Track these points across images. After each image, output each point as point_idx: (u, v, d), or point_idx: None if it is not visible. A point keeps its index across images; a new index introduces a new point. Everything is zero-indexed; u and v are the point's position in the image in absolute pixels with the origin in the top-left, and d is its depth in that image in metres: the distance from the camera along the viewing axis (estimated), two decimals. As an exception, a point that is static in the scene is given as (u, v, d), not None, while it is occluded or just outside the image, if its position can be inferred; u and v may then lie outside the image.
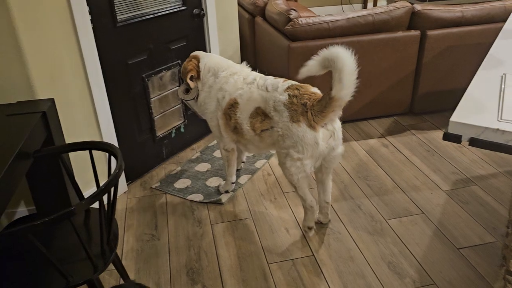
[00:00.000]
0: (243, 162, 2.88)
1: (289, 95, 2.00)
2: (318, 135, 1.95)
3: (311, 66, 1.90)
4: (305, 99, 1.97)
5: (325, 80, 2.12)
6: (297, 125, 1.95)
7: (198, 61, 2.36)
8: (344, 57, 1.81)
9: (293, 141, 1.98)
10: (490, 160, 2.83)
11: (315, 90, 2.05)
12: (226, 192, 2.61)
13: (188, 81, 2.35)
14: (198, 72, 2.35)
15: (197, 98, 2.41)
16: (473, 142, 1.25)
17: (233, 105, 2.21)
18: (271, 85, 2.10)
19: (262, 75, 2.25)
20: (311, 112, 1.94)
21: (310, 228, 2.25)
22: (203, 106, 2.38)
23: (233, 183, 2.61)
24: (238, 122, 2.21)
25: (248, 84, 2.19)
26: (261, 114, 2.11)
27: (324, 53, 1.85)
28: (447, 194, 2.53)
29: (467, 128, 1.26)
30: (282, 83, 2.08)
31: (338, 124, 2.04)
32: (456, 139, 1.28)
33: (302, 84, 2.06)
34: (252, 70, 2.34)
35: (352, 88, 1.88)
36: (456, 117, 1.30)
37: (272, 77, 2.19)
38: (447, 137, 1.29)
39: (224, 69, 2.30)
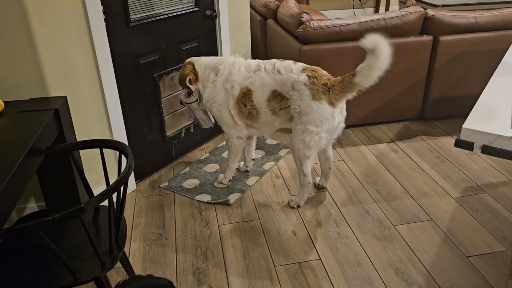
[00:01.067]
0: (254, 160, 2.92)
1: (308, 76, 2.21)
2: (336, 111, 2.23)
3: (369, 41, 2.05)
4: (324, 80, 2.21)
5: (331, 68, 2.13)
6: (319, 103, 2.19)
7: (193, 65, 2.47)
8: (386, 54, 2.03)
9: (312, 117, 2.21)
10: (501, 168, 2.80)
11: (326, 72, 2.29)
12: (229, 182, 2.69)
13: (188, 84, 2.44)
14: (196, 74, 2.45)
15: (200, 99, 2.49)
16: (486, 149, 1.24)
17: (246, 93, 2.35)
18: (283, 68, 2.28)
19: (264, 60, 2.40)
20: (332, 91, 2.19)
21: (300, 206, 2.48)
22: (210, 101, 2.45)
23: (237, 168, 2.72)
24: (255, 107, 2.36)
25: (255, 72, 2.33)
26: (277, 95, 2.29)
27: (374, 38, 2.02)
28: (457, 201, 2.50)
29: (480, 136, 1.25)
30: (294, 65, 2.27)
31: (344, 102, 2.32)
32: (468, 146, 1.27)
33: (314, 67, 2.28)
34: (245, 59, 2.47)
35: (374, 80, 2.11)
36: (468, 124, 1.29)
37: (278, 60, 2.35)
38: (459, 144, 1.28)
39: (221, 63, 2.42)
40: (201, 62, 2.46)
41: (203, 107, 2.52)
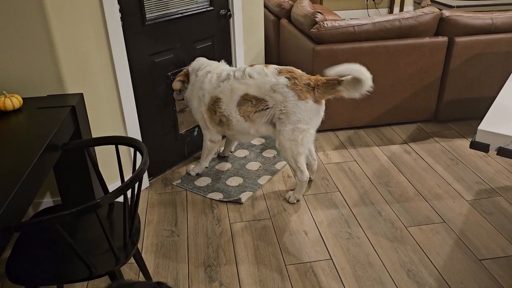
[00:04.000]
0: (232, 152, 3.06)
1: (287, 78, 2.31)
2: (321, 107, 2.35)
3: (341, 71, 2.17)
4: (305, 80, 2.30)
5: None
6: (305, 102, 2.29)
7: (189, 65, 2.65)
8: (369, 84, 2.16)
9: (301, 115, 2.30)
10: (516, 171, 2.77)
11: (301, 71, 2.39)
12: (197, 175, 2.81)
13: (176, 82, 2.62)
14: (188, 75, 2.62)
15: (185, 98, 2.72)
16: (502, 151, 1.24)
17: (215, 101, 2.48)
18: (256, 72, 2.37)
19: (234, 67, 2.58)
20: (316, 90, 2.28)
21: (298, 200, 2.55)
22: (189, 103, 2.67)
23: (206, 167, 2.84)
24: (224, 114, 2.47)
25: (224, 81, 2.44)
26: (251, 99, 2.38)
27: (356, 68, 2.14)
28: (470, 204, 2.48)
29: (496, 137, 1.25)
30: (266, 68, 2.37)
31: None
32: (484, 148, 1.26)
33: (289, 67, 2.37)
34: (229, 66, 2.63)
35: (355, 97, 2.25)
36: (484, 125, 1.28)
37: (246, 65, 2.49)
38: (475, 145, 1.27)
39: (202, 69, 2.56)
40: (194, 64, 2.61)
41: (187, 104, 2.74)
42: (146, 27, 2.45)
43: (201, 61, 2.62)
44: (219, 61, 2.64)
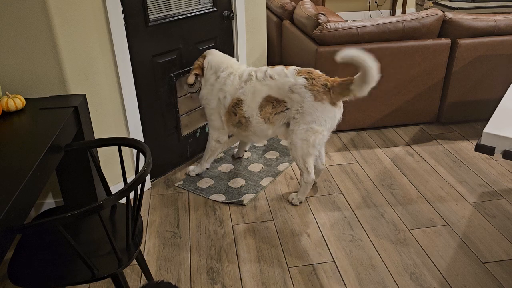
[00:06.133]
0: (246, 151, 3.03)
1: (305, 78, 2.29)
2: (337, 110, 2.32)
3: (348, 56, 2.10)
4: (323, 80, 2.29)
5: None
6: (322, 103, 2.27)
7: (204, 59, 2.57)
8: (374, 73, 2.11)
9: (316, 116, 2.29)
10: (519, 173, 2.76)
11: (320, 72, 2.37)
12: (198, 175, 2.79)
13: (191, 76, 2.56)
14: (203, 69, 2.56)
15: (199, 91, 2.63)
16: (507, 155, 1.23)
17: (237, 103, 2.45)
18: (276, 73, 2.36)
19: (255, 68, 2.48)
20: (332, 91, 2.26)
21: (301, 202, 2.54)
22: (204, 101, 2.60)
23: (207, 168, 2.83)
24: (245, 116, 2.44)
25: (246, 82, 2.42)
26: (272, 101, 2.37)
27: (362, 56, 2.08)
28: (473, 207, 2.47)
29: (501, 140, 1.24)
30: (287, 69, 2.35)
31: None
32: (489, 151, 1.25)
33: (308, 68, 2.35)
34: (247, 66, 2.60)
35: (366, 92, 2.21)
36: (490, 128, 1.27)
37: (267, 66, 2.45)
38: (480, 148, 1.26)
39: (223, 69, 2.50)
40: (210, 59, 2.55)
41: (199, 100, 2.67)
42: (149, 28, 2.44)
43: (217, 57, 2.55)
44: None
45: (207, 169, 2.85)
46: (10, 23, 1.90)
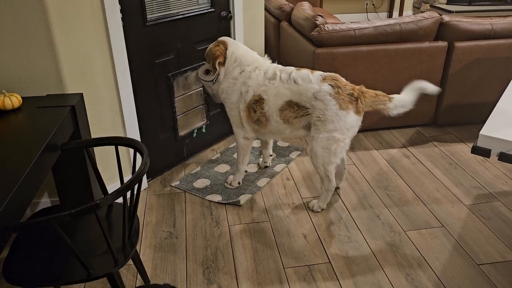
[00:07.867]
0: (271, 156, 2.94)
1: (331, 85, 2.22)
2: (360, 119, 2.29)
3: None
4: (349, 90, 2.22)
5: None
6: (346, 112, 2.21)
7: (226, 48, 2.42)
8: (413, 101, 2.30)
9: (339, 125, 2.22)
10: (514, 176, 2.78)
11: (346, 80, 2.32)
12: (239, 184, 2.68)
13: (217, 66, 2.40)
14: (225, 58, 2.41)
15: (215, 80, 2.46)
16: (503, 157, 1.24)
17: (258, 100, 2.36)
18: (301, 78, 2.27)
19: (281, 66, 2.38)
20: (361, 101, 2.23)
21: (323, 209, 2.49)
22: (224, 95, 2.47)
23: (246, 171, 2.72)
24: (265, 115, 2.36)
25: (270, 80, 2.33)
26: (293, 105, 2.30)
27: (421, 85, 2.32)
28: (469, 209, 2.48)
29: (497, 142, 1.25)
30: (312, 74, 2.27)
31: None
32: (485, 153, 1.26)
33: (334, 75, 2.29)
34: (272, 62, 2.47)
35: (399, 113, 2.32)
36: (486, 130, 1.28)
37: (293, 68, 2.34)
38: (476, 150, 1.27)
39: (249, 64, 2.40)
40: (234, 50, 2.41)
41: (216, 92, 2.53)
42: (147, 28, 2.44)
43: (242, 49, 2.43)
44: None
45: (246, 172, 2.77)
46: (8, 21, 1.89)
